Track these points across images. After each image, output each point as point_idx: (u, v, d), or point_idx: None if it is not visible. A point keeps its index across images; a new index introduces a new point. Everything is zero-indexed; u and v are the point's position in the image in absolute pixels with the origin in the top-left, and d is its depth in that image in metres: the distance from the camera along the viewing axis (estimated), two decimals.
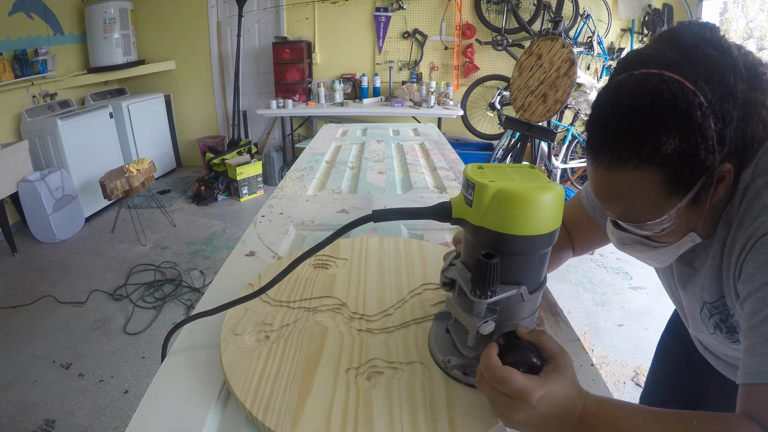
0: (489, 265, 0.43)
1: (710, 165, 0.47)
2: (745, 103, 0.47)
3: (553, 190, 0.44)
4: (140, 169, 3.28)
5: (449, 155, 1.57)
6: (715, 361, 0.73)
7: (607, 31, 4.28)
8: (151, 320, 2.36)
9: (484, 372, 0.45)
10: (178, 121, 5.01)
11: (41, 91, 3.71)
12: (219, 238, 3.34)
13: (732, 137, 0.47)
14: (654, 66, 0.48)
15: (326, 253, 0.80)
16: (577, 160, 4.07)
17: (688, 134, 0.45)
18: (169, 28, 4.65)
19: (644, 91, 0.47)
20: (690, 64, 0.47)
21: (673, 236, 0.55)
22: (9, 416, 1.76)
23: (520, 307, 0.48)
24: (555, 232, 0.46)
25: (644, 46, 0.53)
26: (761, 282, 0.45)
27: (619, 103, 0.48)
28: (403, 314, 0.63)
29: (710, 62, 0.47)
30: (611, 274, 2.79)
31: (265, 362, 0.54)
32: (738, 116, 0.47)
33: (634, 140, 0.47)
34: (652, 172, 0.47)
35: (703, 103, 0.45)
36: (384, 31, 4.45)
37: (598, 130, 0.50)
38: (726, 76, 0.46)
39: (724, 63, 0.47)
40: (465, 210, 0.47)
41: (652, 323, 2.31)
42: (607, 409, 0.44)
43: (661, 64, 0.47)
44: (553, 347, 0.47)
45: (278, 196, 1.18)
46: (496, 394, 0.44)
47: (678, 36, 0.50)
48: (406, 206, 0.55)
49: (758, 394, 0.42)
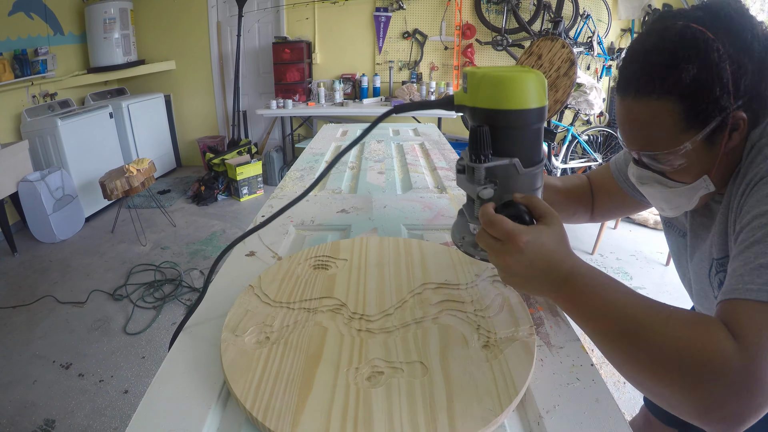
0: (480, 131, 0.51)
1: (725, 106, 0.52)
2: (760, 62, 0.53)
3: (532, 73, 0.51)
4: (140, 169, 3.28)
5: (449, 155, 1.57)
6: None
7: (607, 31, 4.28)
8: (151, 320, 2.36)
9: (480, 220, 0.51)
10: (178, 121, 5.01)
11: (41, 91, 3.71)
12: (219, 238, 3.34)
13: (747, 87, 0.53)
14: (682, 20, 0.55)
15: (326, 254, 0.80)
16: (577, 160, 4.07)
17: (705, 70, 0.51)
18: (169, 28, 4.65)
19: (671, 33, 0.54)
20: (713, 20, 0.53)
21: (688, 175, 0.59)
22: (9, 416, 1.77)
23: (517, 181, 0.54)
24: (539, 110, 0.52)
25: (677, 9, 0.60)
26: (752, 215, 0.49)
27: (648, 41, 0.56)
28: (403, 314, 0.63)
29: (731, 21, 0.53)
30: (611, 274, 2.78)
31: (265, 363, 0.54)
32: (753, 71, 0.52)
33: (658, 72, 0.53)
34: (673, 104, 0.53)
35: (721, 49, 0.51)
36: (384, 31, 4.45)
37: (628, 65, 0.58)
38: (744, 33, 0.53)
39: (743, 23, 0.53)
40: (463, 97, 0.56)
41: None
42: (595, 275, 0.48)
43: (689, 18, 0.54)
44: (543, 207, 0.52)
45: (278, 196, 1.18)
46: (491, 240, 0.50)
47: (708, 2, 0.57)
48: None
49: (731, 307, 0.44)
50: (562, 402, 0.51)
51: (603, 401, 0.51)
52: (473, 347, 0.57)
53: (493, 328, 0.60)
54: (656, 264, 2.92)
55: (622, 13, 4.26)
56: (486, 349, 0.56)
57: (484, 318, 0.62)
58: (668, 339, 0.42)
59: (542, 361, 0.57)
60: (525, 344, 0.57)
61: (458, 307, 0.65)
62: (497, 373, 0.52)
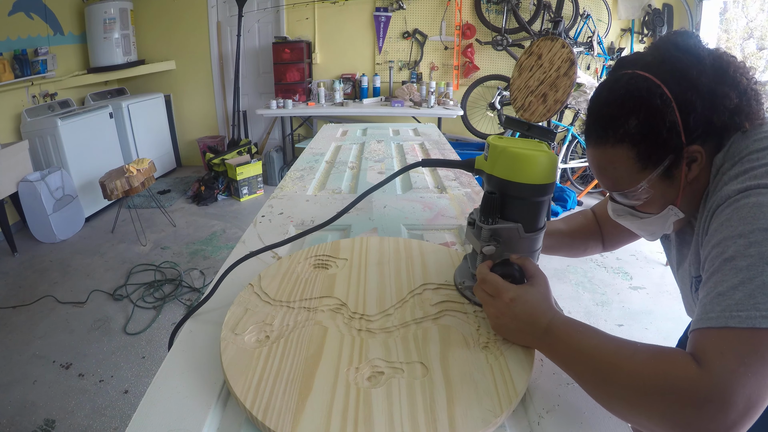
0: (492, 198, 0.60)
1: (676, 145, 0.58)
2: (710, 93, 0.57)
3: (544, 152, 0.58)
4: (140, 169, 3.28)
5: (449, 155, 1.57)
6: None
7: (607, 31, 4.28)
8: (151, 320, 2.36)
9: (477, 277, 0.61)
10: (178, 121, 5.01)
11: (41, 91, 3.71)
12: (219, 238, 3.34)
13: (698, 122, 0.57)
14: (632, 67, 0.61)
15: (326, 253, 0.80)
16: (577, 160, 4.07)
17: (650, 117, 0.57)
18: (169, 28, 4.65)
19: (619, 85, 0.60)
20: (660, 63, 0.59)
21: (654, 207, 0.65)
22: (9, 416, 1.76)
23: (518, 243, 0.62)
24: (546, 186, 0.59)
25: (634, 52, 0.66)
26: (712, 245, 0.53)
27: (602, 95, 0.63)
28: (403, 314, 0.63)
29: (676, 62, 0.58)
30: (611, 274, 2.79)
31: (265, 362, 0.54)
32: (703, 105, 0.56)
33: (610, 123, 0.60)
34: (626, 149, 0.60)
35: (665, 93, 0.56)
36: (384, 31, 4.45)
37: (588, 117, 0.65)
38: (689, 71, 0.57)
39: (687, 61, 0.58)
40: (483, 164, 0.64)
41: (652, 323, 2.31)
42: (570, 325, 0.53)
43: (639, 65, 0.60)
44: (533, 269, 0.60)
45: (278, 196, 1.18)
46: (484, 294, 0.58)
47: (656, 43, 0.64)
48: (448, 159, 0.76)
49: (696, 336, 0.47)
50: (562, 402, 0.51)
51: None
52: (473, 348, 0.57)
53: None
54: (656, 264, 2.92)
55: (622, 13, 4.26)
56: (486, 350, 0.56)
57: (484, 318, 0.62)
58: (635, 373, 0.46)
59: (542, 362, 0.57)
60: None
61: (458, 307, 0.65)
62: (497, 373, 0.52)
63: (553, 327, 0.53)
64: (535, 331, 0.54)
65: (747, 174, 0.53)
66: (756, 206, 0.49)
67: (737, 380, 0.41)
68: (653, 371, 0.45)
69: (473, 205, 1.09)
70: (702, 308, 0.49)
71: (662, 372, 0.45)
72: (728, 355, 0.43)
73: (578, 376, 0.51)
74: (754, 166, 0.53)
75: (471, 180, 1.29)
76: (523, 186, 0.58)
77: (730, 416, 0.41)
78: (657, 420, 0.44)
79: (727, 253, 0.49)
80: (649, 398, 0.44)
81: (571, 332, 0.52)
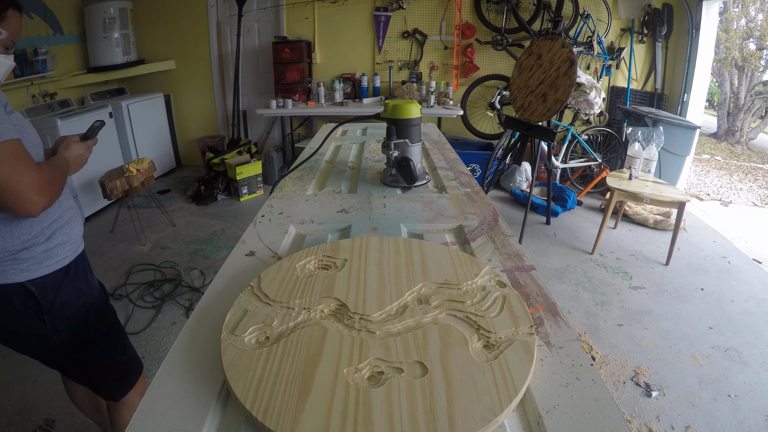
0: (391, 128, 1.18)
1: None
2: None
3: (414, 103, 1.18)
4: (140, 169, 3.28)
5: (449, 155, 1.57)
6: None
7: (607, 30, 4.28)
8: (150, 320, 2.36)
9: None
10: (178, 120, 5.01)
11: (41, 90, 3.71)
12: (219, 237, 3.34)
13: None
14: None
15: (326, 254, 0.80)
16: (577, 160, 4.07)
17: None
18: (169, 28, 4.65)
19: None
20: None
21: None
22: (9, 416, 1.76)
23: (408, 150, 1.19)
24: (415, 119, 1.18)
25: None
26: None
27: None
28: (403, 314, 0.63)
29: None
30: (611, 274, 2.79)
31: (265, 363, 0.54)
32: None
33: None
34: None
35: None
36: (384, 31, 4.45)
37: None
38: None
39: None
40: (385, 114, 1.20)
41: (652, 323, 2.31)
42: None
43: None
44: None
45: (278, 195, 1.18)
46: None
47: None
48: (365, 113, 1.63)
49: None
50: (562, 402, 0.51)
51: (603, 401, 0.51)
52: (473, 347, 0.57)
53: (493, 328, 0.60)
54: (656, 264, 2.93)
55: (622, 13, 4.26)
56: (486, 349, 0.56)
57: (484, 318, 0.62)
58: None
59: (542, 361, 0.57)
60: (525, 344, 0.57)
61: (458, 307, 0.65)
62: (497, 373, 0.52)
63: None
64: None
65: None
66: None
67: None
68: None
69: (473, 204, 1.09)
70: None
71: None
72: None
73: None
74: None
75: (471, 180, 1.29)
76: (403, 119, 1.17)
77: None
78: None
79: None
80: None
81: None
